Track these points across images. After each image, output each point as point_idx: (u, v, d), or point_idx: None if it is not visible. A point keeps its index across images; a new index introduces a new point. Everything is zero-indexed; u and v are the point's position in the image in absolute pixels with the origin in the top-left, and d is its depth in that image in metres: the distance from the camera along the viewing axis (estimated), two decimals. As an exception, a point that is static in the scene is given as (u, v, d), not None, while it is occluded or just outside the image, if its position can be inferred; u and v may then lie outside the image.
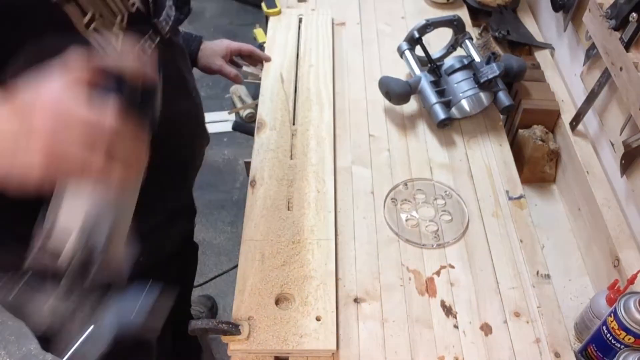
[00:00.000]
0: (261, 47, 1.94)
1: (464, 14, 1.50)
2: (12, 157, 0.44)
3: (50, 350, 1.03)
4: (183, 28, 3.37)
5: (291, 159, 1.11)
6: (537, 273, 0.99)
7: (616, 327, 0.86)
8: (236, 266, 0.94)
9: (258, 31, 2.14)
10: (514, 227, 1.05)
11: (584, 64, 1.23)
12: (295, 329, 0.85)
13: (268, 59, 1.30)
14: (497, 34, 1.46)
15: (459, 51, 1.31)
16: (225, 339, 0.84)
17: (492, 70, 1.18)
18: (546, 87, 1.32)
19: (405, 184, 1.11)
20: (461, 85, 1.20)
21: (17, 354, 1.85)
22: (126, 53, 0.51)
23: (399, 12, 1.51)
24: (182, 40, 0.93)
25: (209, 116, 2.55)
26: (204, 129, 1.08)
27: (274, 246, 0.96)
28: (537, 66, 1.39)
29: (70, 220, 0.53)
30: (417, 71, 1.24)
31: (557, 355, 0.88)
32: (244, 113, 2.52)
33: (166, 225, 0.99)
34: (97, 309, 0.56)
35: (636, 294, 0.87)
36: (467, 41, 1.27)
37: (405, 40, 1.28)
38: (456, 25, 1.27)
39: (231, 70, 1.26)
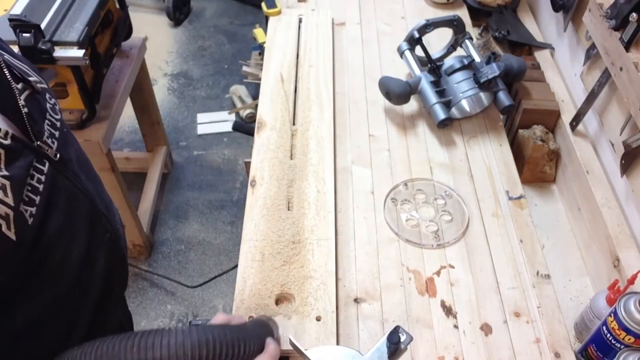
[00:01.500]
0: (261, 47, 1.95)
1: (464, 14, 1.51)
2: None
3: None
4: (183, 28, 3.37)
5: (291, 159, 1.11)
6: (537, 273, 0.99)
7: (616, 327, 0.86)
8: (236, 266, 0.94)
9: (258, 31, 2.14)
10: (514, 227, 1.05)
11: (584, 64, 1.23)
12: (295, 329, 0.85)
13: None
14: (497, 34, 1.46)
15: (459, 51, 1.31)
16: (225, 339, 0.84)
17: (492, 70, 1.18)
18: (546, 87, 1.32)
19: (405, 184, 1.11)
20: (461, 85, 1.20)
21: (17, 354, 1.84)
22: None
23: (399, 12, 1.52)
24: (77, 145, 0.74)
25: (209, 116, 2.57)
26: (125, 243, 0.87)
27: (274, 246, 0.96)
28: (537, 66, 1.39)
29: None
30: (417, 71, 1.24)
31: (557, 355, 0.88)
32: (244, 113, 2.52)
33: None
34: None
35: (636, 294, 0.87)
36: (467, 41, 1.27)
37: (405, 40, 1.28)
38: (456, 25, 1.27)
39: None
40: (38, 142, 0.62)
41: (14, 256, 0.56)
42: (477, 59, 1.24)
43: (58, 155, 0.66)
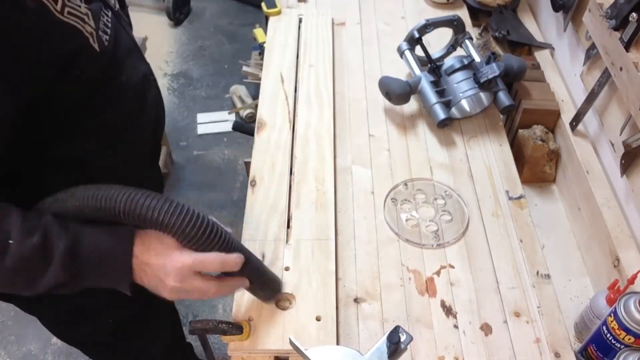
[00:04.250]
0: (261, 47, 1.94)
1: (464, 14, 1.50)
2: (155, 289, 0.75)
3: None
4: (183, 28, 3.36)
5: (291, 159, 1.11)
6: (537, 273, 0.99)
7: (616, 327, 0.86)
8: (236, 266, 0.94)
9: (258, 31, 2.14)
10: (514, 227, 1.05)
11: (584, 64, 1.23)
12: (295, 329, 0.85)
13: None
14: (497, 34, 1.46)
15: (459, 51, 1.31)
16: (225, 339, 0.84)
17: (492, 70, 1.18)
18: (546, 87, 1.32)
19: (405, 184, 1.11)
20: (461, 85, 1.20)
21: (17, 354, 1.85)
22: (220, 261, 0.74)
23: (399, 12, 1.51)
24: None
25: (209, 116, 2.57)
26: (159, 92, 1.06)
27: (274, 246, 0.96)
28: (537, 66, 1.39)
29: None
30: (417, 71, 1.24)
31: (557, 355, 0.88)
32: (244, 113, 2.52)
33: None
34: None
35: (636, 294, 0.87)
36: (467, 41, 1.27)
37: (405, 40, 1.28)
38: (456, 25, 1.27)
39: None
40: None
41: (97, 64, 0.77)
42: (477, 59, 1.24)
43: (117, 7, 0.88)
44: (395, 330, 0.75)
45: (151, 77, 0.98)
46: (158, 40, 2.95)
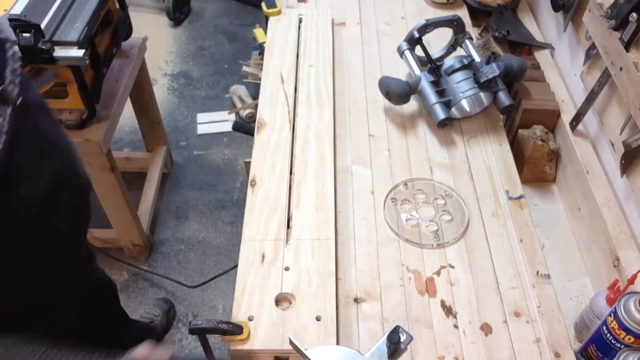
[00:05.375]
0: (261, 47, 1.94)
1: (464, 14, 1.51)
2: None
3: None
4: (183, 28, 3.36)
5: (291, 159, 1.11)
6: (537, 273, 0.99)
7: (616, 327, 0.86)
8: (236, 266, 0.94)
9: (258, 31, 2.14)
10: (514, 227, 1.05)
11: (584, 64, 1.23)
12: (295, 329, 0.85)
13: None
14: (497, 34, 1.46)
15: (459, 51, 1.31)
16: (225, 339, 0.84)
17: (492, 70, 1.18)
18: (546, 87, 1.32)
19: (405, 184, 1.11)
20: (461, 85, 1.20)
21: (17, 354, 1.84)
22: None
23: (399, 12, 1.52)
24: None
25: (209, 116, 2.57)
26: (89, 184, 0.93)
27: (274, 246, 0.96)
28: (537, 66, 1.39)
29: None
30: (417, 71, 1.24)
31: (557, 355, 0.88)
32: (244, 113, 2.52)
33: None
34: None
35: (636, 294, 0.87)
36: (467, 41, 1.27)
37: (405, 40, 1.28)
38: (456, 25, 1.27)
39: None
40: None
41: None
42: (477, 59, 1.24)
43: (20, 98, 0.70)
44: (395, 330, 0.75)
45: (68, 172, 0.83)
46: (158, 40, 2.95)
